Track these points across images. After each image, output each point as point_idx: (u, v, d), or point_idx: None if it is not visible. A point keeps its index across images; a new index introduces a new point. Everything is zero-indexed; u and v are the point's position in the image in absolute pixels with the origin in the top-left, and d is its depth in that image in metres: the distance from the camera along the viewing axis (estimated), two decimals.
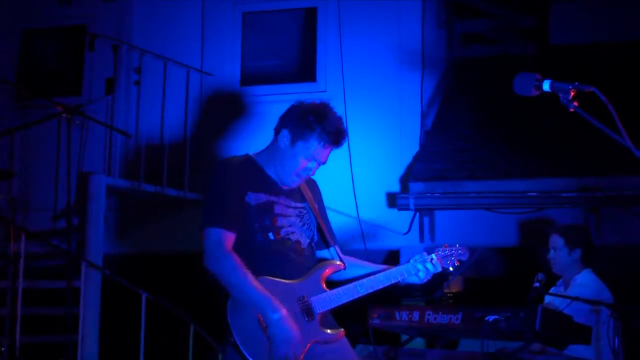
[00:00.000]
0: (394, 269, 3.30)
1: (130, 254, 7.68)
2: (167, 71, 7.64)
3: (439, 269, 3.35)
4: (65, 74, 8.29)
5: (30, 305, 6.37)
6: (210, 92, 8.00)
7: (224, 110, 7.90)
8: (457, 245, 3.44)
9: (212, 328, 5.83)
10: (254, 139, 4.42)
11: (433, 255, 3.36)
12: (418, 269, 3.30)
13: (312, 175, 3.27)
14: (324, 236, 3.33)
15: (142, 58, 7.61)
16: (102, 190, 6.87)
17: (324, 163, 3.23)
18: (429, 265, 3.32)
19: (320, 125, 3.14)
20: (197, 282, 3.36)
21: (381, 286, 3.26)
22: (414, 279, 3.32)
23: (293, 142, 3.17)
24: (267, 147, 3.29)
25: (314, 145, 3.16)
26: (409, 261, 3.33)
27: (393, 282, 3.29)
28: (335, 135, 3.17)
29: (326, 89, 7.63)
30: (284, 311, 3.01)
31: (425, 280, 3.34)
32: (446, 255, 3.38)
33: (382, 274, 3.28)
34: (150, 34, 8.05)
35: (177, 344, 6.44)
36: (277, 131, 3.23)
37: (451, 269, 3.40)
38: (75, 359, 6.06)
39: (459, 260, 3.42)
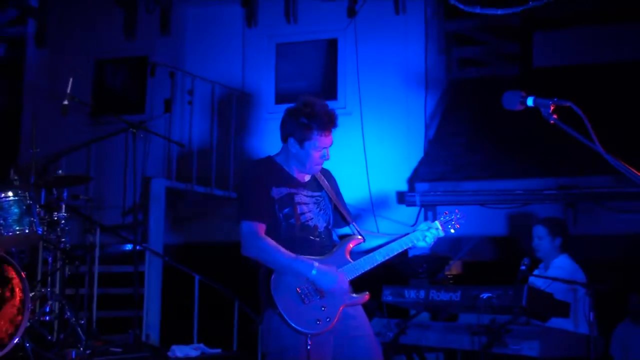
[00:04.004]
0: (405, 237, 3.22)
1: (185, 244, 7.72)
2: (214, 92, 7.67)
3: (442, 233, 3.25)
4: (131, 96, 8.35)
5: (104, 286, 6.43)
6: (250, 109, 8.03)
7: (262, 123, 7.93)
8: (456, 211, 3.33)
9: (253, 304, 5.84)
10: None
11: (436, 222, 3.28)
12: (425, 235, 3.22)
13: (328, 159, 3.20)
14: (343, 216, 3.29)
15: (194, 82, 7.65)
16: (162, 191, 6.93)
17: (331, 144, 3.16)
18: (433, 231, 3.23)
19: (314, 121, 3.09)
20: (241, 266, 3.35)
21: (396, 252, 3.19)
22: (422, 244, 3.23)
23: (301, 144, 3.13)
24: (282, 151, 3.23)
25: (318, 138, 3.11)
26: (416, 229, 3.27)
27: (405, 248, 3.21)
28: (329, 121, 3.11)
29: (345, 105, 7.62)
30: (316, 264, 3.02)
31: (431, 244, 3.25)
32: (447, 221, 3.29)
33: (395, 242, 3.21)
34: (200, 62, 8.09)
35: (225, 317, 6.46)
36: (284, 139, 3.19)
37: (452, 231, 3.28)
38: (141, 330, 6.09)
39: (459, 224, 3.30)
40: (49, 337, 4.98)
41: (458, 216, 3.32)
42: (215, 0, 8.23)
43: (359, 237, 3.24)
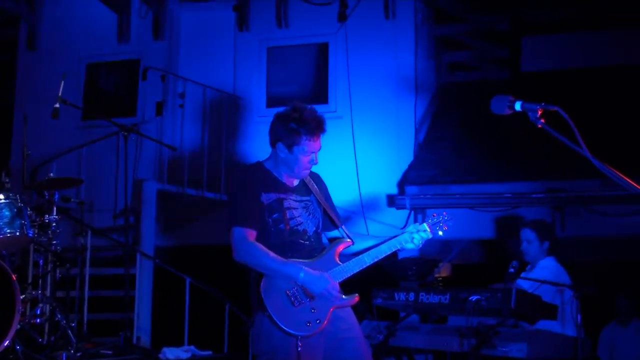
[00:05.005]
0: (393, 239, 3.22)
1: (176, 246, 7.70)
2: (206, 95, 7.65)
3: (430, 235, 3.25)
4: (122, 99, 8.33)
5: (95, 288, 6.40)
6: (241, 112, 8.02)
7: (253, 127, 7.92)
8: (444, 213, 3.32)
9: (244, 306, 5.82)
10: None
11: (424, 224, 3.27)
12: (413, 237, 3.21)
13: (316, 163, 3.19)
14: (332, 220, 3.28)
15: (185, 85, 7.64)
16: (153, 194, 6.90)
17: (320, 149, 3.16)
18: (422, 233, 3.23)
19: (303, 126, 3.08)
20: (232, 269, 3.34)
21: (384, 255, 3.18)
22: (410, 246, 3.23)
23: (290, 149, 3.12)
24: (271, 156, 3.23)
25: (306, 143, 3.10)
26: (404, 232, 3.27)
27: (394, 250, 3.20)
28: (317, 126, 3.11)
29: (336, 109, 7.62)
30: (305, 268, 3.02)
31: (420, 246, 3.25)
32: (435, 223, 3.27)
33: (384, 244, 3.20)
34: (192, 66, 8.08)
35: (215, 320, 6.44)
36: (273, 144, 3.18)
37: (440, 233, 3.27)
38: (132, 332, 6.06)
39: (447, 226, 3.28)
40: (40, 340, 4.95)
41: (446, 218, 3.31)
42: (207, 4, 8.22)
43: (348, 240, 3.24)
